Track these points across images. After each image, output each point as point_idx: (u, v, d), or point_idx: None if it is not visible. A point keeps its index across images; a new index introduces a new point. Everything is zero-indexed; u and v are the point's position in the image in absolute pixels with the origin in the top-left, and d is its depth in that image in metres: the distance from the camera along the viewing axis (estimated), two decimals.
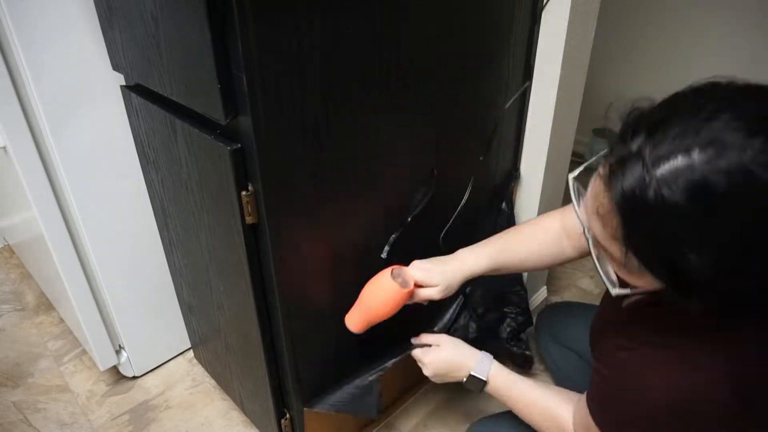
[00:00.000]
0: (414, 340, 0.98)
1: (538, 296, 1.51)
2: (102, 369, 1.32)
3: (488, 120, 1.10)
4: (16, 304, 1.66)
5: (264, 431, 1.17)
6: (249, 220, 0.79)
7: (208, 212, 0.89)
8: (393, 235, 0.99)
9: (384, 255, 0.98)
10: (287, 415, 1.04)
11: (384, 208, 0.96)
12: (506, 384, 0.88)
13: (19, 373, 1.42)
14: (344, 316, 0.91)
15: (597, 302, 0.88)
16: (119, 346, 1.33)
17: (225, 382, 1.27)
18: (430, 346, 0.95)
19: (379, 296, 0.87)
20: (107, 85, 1.03)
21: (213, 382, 1.37)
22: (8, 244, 1.91)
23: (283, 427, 1.05)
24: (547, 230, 0.90)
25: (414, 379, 1.32)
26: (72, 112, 1.01)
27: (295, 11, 0.67)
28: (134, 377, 1.39)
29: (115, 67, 0.94)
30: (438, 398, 1.32)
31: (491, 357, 0.91)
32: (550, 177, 1.25)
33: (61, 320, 1.58)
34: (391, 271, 0.87)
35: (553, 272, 1.66)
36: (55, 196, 1.08)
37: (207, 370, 1.37)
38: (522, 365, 1.29)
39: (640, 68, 2.25)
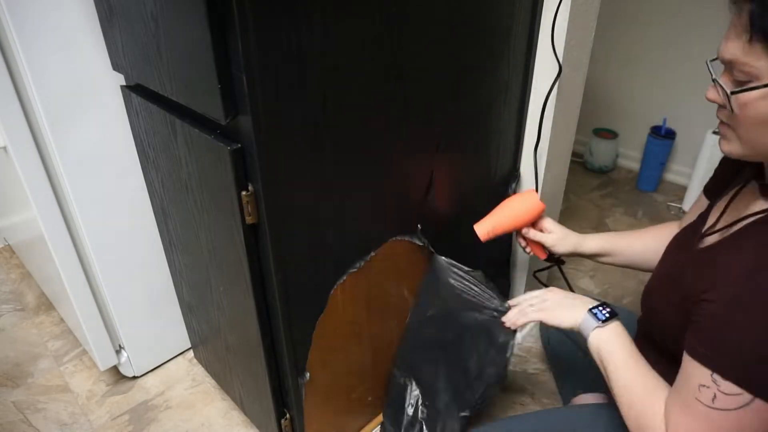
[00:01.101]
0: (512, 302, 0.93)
1: None
2: (102, 369, 1.32)
3: (488, 120, 1.10)
4: (16, 304, 1.66)
5: (264, 431, 1.17)
6: (249, 220, 0.79)
7: (208, 212, 0.89)
8: (392, 237, 1.00)
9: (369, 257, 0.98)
10: (287, 415, 1.04)
11: (384, 209, 0.96)
12: (624, 340, 0.76)
13: (19, 373, 1.42)
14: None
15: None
16: (119, 346, 1.33)
17: (225, 382, 1.27)
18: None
19: (517, 203, 1.04)
20: (107, 85, 1.03)
21: (213, 382, 1.37)
22: (8, 244, 1.91)
23: (283, 427, 1.05)
24: (663, 228, 0.96)
25: None
26: (72, 112, 1.01)
27: (295, 11, 0.67)
28: (134, 377, 1.39)
29: (115, 67, 0.94)
30: None
31: (597, 312, 0.81)
32: (550, 177, 1.25)
33: (61, 320, 1.58)
34: (535, 190, 1.04)
35: (553, 272, 1.66)
36: (55, 196, 1.08)
37: (207, 370, 1.37)
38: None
39: (640, 68, 2.25)
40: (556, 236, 1.01)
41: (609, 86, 2.37)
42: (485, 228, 1.04)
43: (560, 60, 1.07)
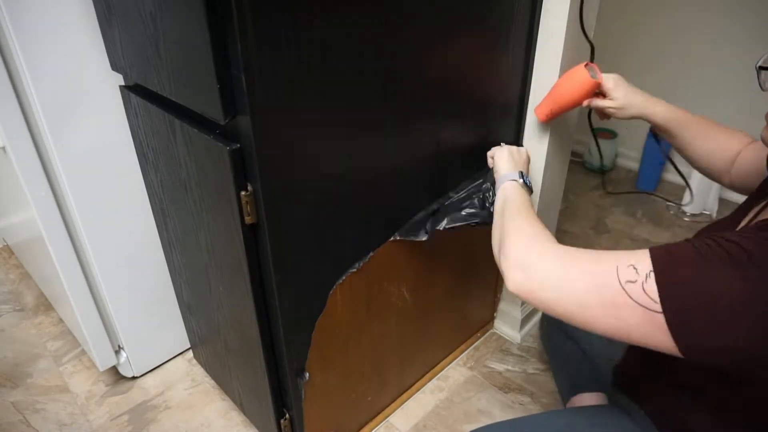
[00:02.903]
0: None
1: None
2: (101, 369, 1.32)
3: (488, 120, 1.10)
4: (15, 305, 1.66)
5: (263, 431, 1.17)
6: (248, 220, 0.79)
7: (208, 212, 0.89)
8: (393, 237, 1.00)
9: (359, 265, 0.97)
10: (287, 415, 1.04)
11: (384, 209, 0.96)
12: (513, 201, 0.83)
13: (18, 374, 1.42)
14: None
15: None
16: (118, 346, 1.33)
17: (224, 382, 1.27)
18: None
19: (568, 82, 1.00)
20: (106, 85, 1.03)
21: (212, 382, 1.37)
22: (7, 245, 1.91)
23: (282, 427, 1.05)
24: (731, 140, 0.90)
25: (415, 377, 1.32)
26: (71, 112, 1.01)
27: (295, 11, 0.67)
28: (133, 377, 1.39)
29: (114, 67, 0.94)
30: (438, 398, 1.33)
31: (524, 178, 0.91)
32: (549, 177, 1.25)
33: (60, 320, 1.58)
34: (586, 64, 0.97)
35: None
36: (54, 197, 1.08)
37: (206, 370, 1.37)
38: None
39: (640, 68, 2.25)
40: (618, 103, 0.96)
41: None
42: (543, 110, 1.05)
43: (559, 60, 1.07)
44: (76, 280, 1.18)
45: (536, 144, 1.20)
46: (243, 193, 0.77)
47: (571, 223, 2.01)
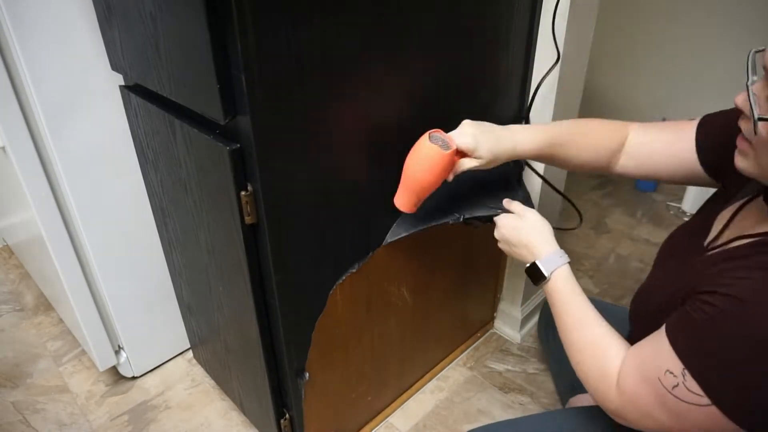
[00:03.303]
0: (505, 203, 0.92)
1: (538, 296, 1.51)
2: (101, 369, 1.32)
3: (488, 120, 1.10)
4: (15, 305, 1.66)
5: (263, 431, 1.17)
6: (248, 220, 0.79)
7: (208, 212, 0.89)
8: (394, 237, 0.99)
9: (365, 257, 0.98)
10: (286, 415, 1.04)
11: (384, 209, 0.96)
12: (567, 290, 0.78)
13: (18, 374, 1.42)
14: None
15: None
16: (118, 346, 1.33)
17: (224, 383, 1.27)
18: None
19: (418, 163, 0.82)
20: (106, 85, 1.03)
21: (212, 382, 1.37)
22: (7, 245, 1.91)
23: (282, 427, 1.05)
24: (613, 132, 0.86)
25: (415, 377, 1.32)
26: (71, 112, 1.01)
27: (295, 11, 0.67)
28: (133, 377, 1.39)
29: (114, 67, 0.94)
30: (438, 398, 1.32)
31: (567, 259, 0.82)
32: (549, 177, 1.25)
33: (60, 320, 1.58)
34: (429, 136, 0.81)
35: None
36: (54, 197, 1.08)
37: (206, 370, 1.37)
38: None
39: (640, 68, 2.25)
40: (485, 160, 0.83)
41: (608, 86, 2.37)
42: (405, 202, 0.87)
43: (560, 50, 1.07)
44: (76, 280, 1.18)
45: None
46: (243, 193, 0.77)
47: (571, 223, 2.01)
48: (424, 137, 0.82)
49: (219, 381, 1.31)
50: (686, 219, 2.05)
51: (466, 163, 0.84)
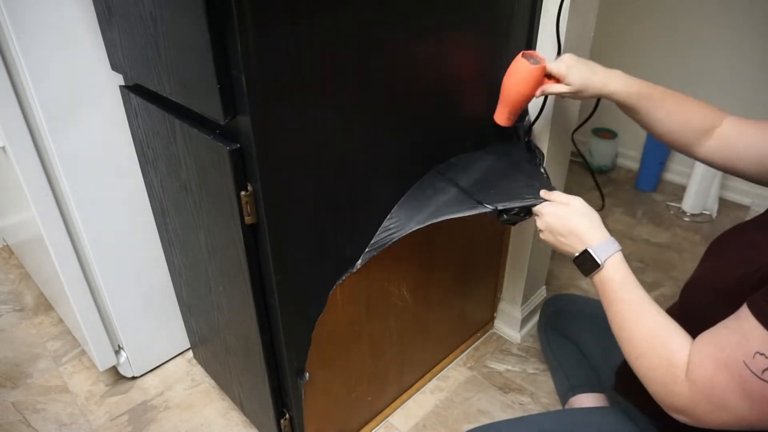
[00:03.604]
0: (544, 193, 0.88)
1: (537, 296, 1.51)
2: (101, 369, 1.32)
3: (488, 121, 1.10)
4: (15, 305, 1.66)
5: (263, 431, 1.16)
6: (248, 220, 0.79)
7: (208, 212, 0.89)
8: (418, 225, 0.99)
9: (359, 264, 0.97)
10: (286, 415, 1.04)
11: (384, 209, 0.96)
12: (624, 280, 0.74)
13: (18, 374, 1.42)
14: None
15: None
16: (118, 346, 1.33)
17: (224, 383, 1.27)
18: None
19: (511, 77, 0.92)
20: (106, 85, 1.03)
21: (212, 382, 1.37)
22: (7, 245, 1.91)
23: (282, 427, 1.05)
24: (709, 112, 0.84)
25: (416, 376, 1.32)
26: (71, 112, 1.01)
27: (295, 11, 0.67)
28: (133, 378, 1.39)
29: (114, 67, 0.94)
30: (438, 398, 1.32)
31: (619, 246, 0.78)
32: (549, 177, 1.25)
33: (60, 320, 1.58)
34: (522, 54, 0.90)
35: (552, 272, 1.66)
36: (54, 197, 1.08)
37: (206, 370, 1.37)
38: None
39: (639, 68, 2.25)
40: (574, 87, 0.87)
41: None
42: (501, 114, 0.97)
43: (562, 45, 1.07)
44: (76, 280, 1.18)
45: (536, 144, 1.20)
46: (243, 193, 0.77)
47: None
48: (518, 56, 0.91)
49: (219, 381, 1.31)
50: (686, 219, 2.05)
51: (555, 87, 0.89)
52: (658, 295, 1.66)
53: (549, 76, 0.91)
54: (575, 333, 1.17)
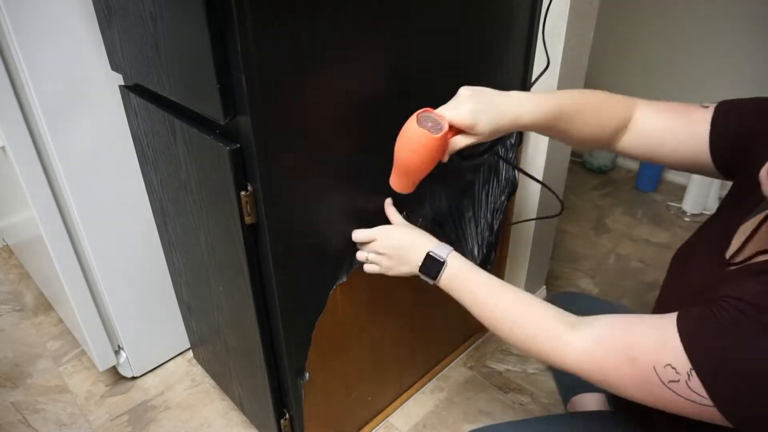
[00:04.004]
0: (356, 235, 0.87)
1: (537, 296, 1.51)
2: (101, 369, 1.32)
3: None
4: (15, 305, 1.66)
5: (263, 431, 1.16)
6: (248, 220, 0.79)
7: (207, 212, 0.89)
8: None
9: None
10: (287, 415, 1.04)
11: (383, 210, 0.96)
12: (471, 267, 0.77)
13: (18, 374, 1.42)
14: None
15: None
16: (118, 346, 1.33)
17: (224, 383, 1.27)
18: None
19: (407, 147, 0.75)
20: (106, 85, 1.03)
21: (212, 382, 1.37)
22: (7, 245, 1.91)
23: (282, 427, 1.05)
24: (620, 108, 0.79)
25: (415, 377, 1.32)
26: (71, 112, 1.01)
27: (295, 11, 0.67)
28: (133, 378, 1.39)
29: (114, 67, 0.94)
30: (438, 398, 1.32)
31: (451, 247, 0.80)
32: (549, 178, 1.25)
33: (60, 321, 1.58)
34: (417, 117, 0.73)
35: (552, 272, 1.66)
36: (53, 197, 1.08)
37: (206, 370, 1.37)
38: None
39: (639, 68, 2.25)
40: (486, 135, 0.74)
41: (608, 86, 2.36)
42: (398, 184, 0.81)
43: (559, 60, 1.07)
44: (76, 280, 1.18)
45: (536, 144, 1.20)
46: (243, 193, 0.77)
47: (571, 223, 2.01)
48: (412, 119, 0.73)
49: (219, 381, 1.31)
50: (686, 219, 2.05)
51: (462, 141, 0.74)
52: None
53: (450, 127, 0.74)
54: None
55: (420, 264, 0.81)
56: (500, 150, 1.08)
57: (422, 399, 1.32)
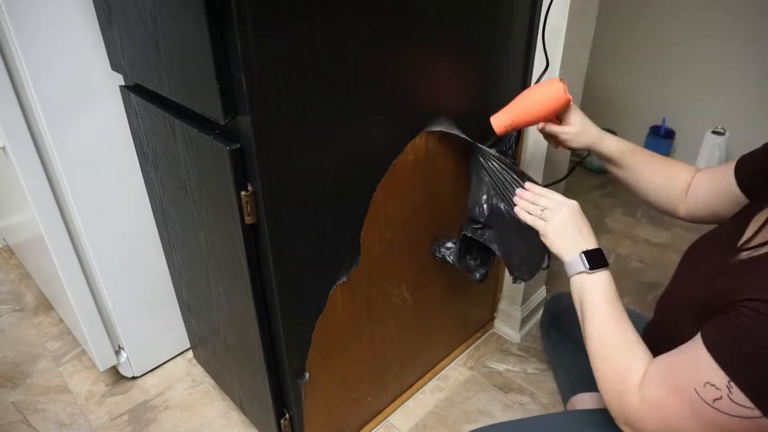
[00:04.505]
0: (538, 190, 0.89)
1: (537, 296, 1.51)
2: (101, 369, 1.32)
3: (488, 121, 1.10)
4: (15, 305, 1.66)
5: (263, 431, 1.17)
6: (248, 220, 0.79)
7: (208, 212, 0.89)
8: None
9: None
10: (286, 415, 1.04)
11: None
12: (608, 289, 0.77)
13: (19, 374, 1.42)
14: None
15: None
16: (118, 346, 1.33)
17: (224, 383, 1.27)
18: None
19: (538, 95, 0.91)
20: (106, 85, 1.03)
21: (212, 382, 1.37)
22: (7, 245, 1.91)
23: (282, 427, 1.05)
24: (679, 171, 0.90)
25: (415, 377, 1.32)
26: (71, 112, 1.01)
27: (295, 11, 0.67)
28: (133, 377, 1.39)
29: (114, 67, 0.94)
30: (438, 398, 1.32)
31: (583, 267, 0.81)
32: (549, 178, 1.25)
33: (60, 320, 1.58)
34: (559, 79, 0.90)
35: (552, 272, 1.66)
36: (54, 197, 1.08)
37: (206, 370, 1.37)
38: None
39: (639, 68, 2.25)
40: (574, 131, 0.92)
41: (608, 86, 2.37)
42: (502, 121, 0.94)
43: (559, 60, 1.07)
44: (76, 280, 1.18)
45: (536, 144, 1.20)
46: (243, 193, 0.77)
47: None
48: (556, 79, 0.89)
49: (219, 381, 1.31)
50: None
51: (555, 127, 0.93)
52: (658, 295, 1.66)
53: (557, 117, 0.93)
54: (577, 332, 1.17)
55: (584, 251, 0.79)
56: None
57: (422, 399, 1.32)
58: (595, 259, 0.78)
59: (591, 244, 0.81)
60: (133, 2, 0.75)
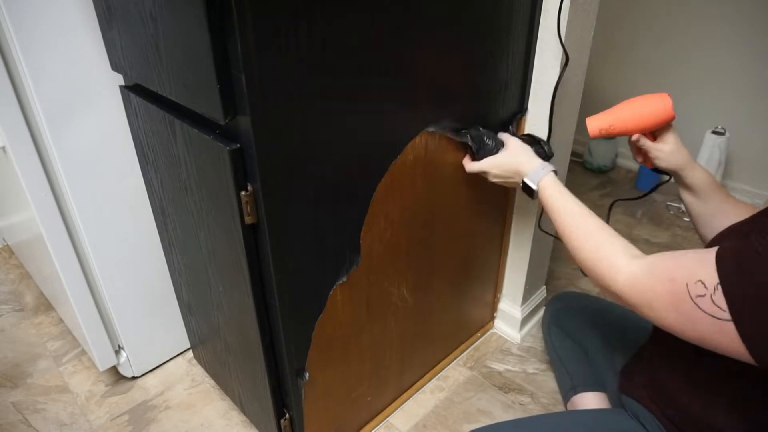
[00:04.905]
0: (469, 168, 1.03)
1: (537, 296, 1.51)
2: (101, 369, 1.32)
3: (488, 121, 1.10)
4: (15, 305, 1.66)
5: (263, 431, 1.17)
6: (248, 220, 0.79)
7: (208, 212, 0.89)
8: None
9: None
10: (287, 415, 1.04)
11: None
12: (555, 192, 0.89)
13: (18, 374, 1.42)
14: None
15: None
16: (118, 346, 1.33)
17: (224, 383, 1.27)
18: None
19: (645, 105, 0.91)
20: (106, 85, 1.03)
21: (212, 382, 1.37)
22: (7, 245, 1.91)
23: (282, 427, 1.05)
24: (743, 203, 0.92)
25: (415, 377, 1.32)
26: (71, 112, 1.01)
27: (295, 11, 0.67)
28: (133, 377, 1.39)
29: (114, 67, 0.94)
30: (438, 398, 1.33)
31: (550, 168, 0.92)
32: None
33: (60, 320, 1.58)
34: (668, 95, 0.90)
35: (552, 272, 1.66)
36: (54, 197, 1.08)
37: (206, 370, 1.37)
38: None
39: (639, 68, 2.25)
40: (667, 149, 0.93)
41: (608, 86, 2.37)
42: (599, 124, 0.94)
43: (566, 49, 1.07)
44: (76, 280, 1.18)
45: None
46: (243, 193, 0.77)
47: None
48: (665, 94, 0.90)
49: (219, 381, 1.31)
50: (686, 219, 2.05)
51: (650, 142, 0.94)
52: None
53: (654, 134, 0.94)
54: (579, 332, 1.17)
55: (521, 186, 0.96)
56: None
57: (422, 399, 1.32)
58: (533, 177, 0.92)
59: (532, 161, 0.95)
60: (133, 2, 0.75)
